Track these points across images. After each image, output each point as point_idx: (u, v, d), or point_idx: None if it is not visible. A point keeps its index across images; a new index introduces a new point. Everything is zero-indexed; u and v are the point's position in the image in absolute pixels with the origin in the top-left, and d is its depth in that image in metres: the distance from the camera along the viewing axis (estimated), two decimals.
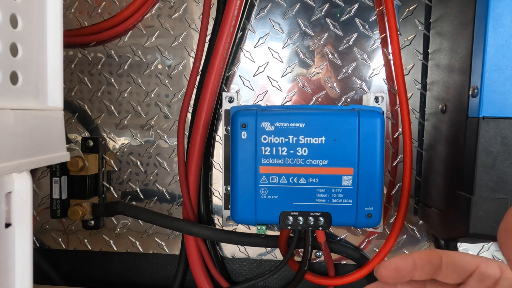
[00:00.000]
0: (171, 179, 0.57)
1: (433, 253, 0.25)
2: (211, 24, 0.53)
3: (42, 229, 0.60)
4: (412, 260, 0.24)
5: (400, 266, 0.24)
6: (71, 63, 0.57)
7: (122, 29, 0.55)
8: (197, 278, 0.54)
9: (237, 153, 0.43)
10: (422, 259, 0.24)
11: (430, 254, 0.25)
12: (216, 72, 0.50)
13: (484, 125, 0.37)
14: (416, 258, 0.24)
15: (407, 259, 0.24)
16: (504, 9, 0.36)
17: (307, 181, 0.43)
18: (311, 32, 0.53)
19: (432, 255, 0.25)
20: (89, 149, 0.56)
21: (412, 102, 0.52)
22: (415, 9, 0.52)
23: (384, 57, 0.53)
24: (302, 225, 0.43)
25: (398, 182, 0.53)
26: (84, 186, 0.54)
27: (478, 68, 0.37)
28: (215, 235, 0.51)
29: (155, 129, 0.57)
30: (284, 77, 0.54)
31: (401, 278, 0.25)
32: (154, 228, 0.58)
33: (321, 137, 0.42)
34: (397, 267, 0.24)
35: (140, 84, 0.57)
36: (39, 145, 0.31)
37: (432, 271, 0.24)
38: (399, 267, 0.24)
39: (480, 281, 0.24)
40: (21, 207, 0.30)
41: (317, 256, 0.55)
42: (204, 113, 0.50)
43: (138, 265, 0.59)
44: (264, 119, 0.43)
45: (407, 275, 0.24)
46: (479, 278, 0.24)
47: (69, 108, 0.58)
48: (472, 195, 0.37)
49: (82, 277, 0.60)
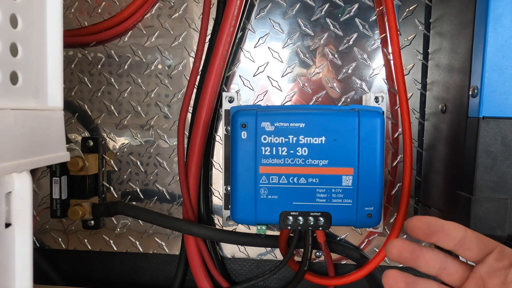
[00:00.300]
0: (171, 179, 0.57)
1: (459, 226, 0.26)
2: (211, 24, 0.53)
3: (42, 229, 0.60)
4: (442, 223, 0.26)
5: (432, 223, 0.26)
6: (71, 63, 0.57)
7: (122, 29, 0.55)
8: (197, 278, 0.54)
9: (237, 153, 0.43)
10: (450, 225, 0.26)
11: (457, 225, 0.26)
12: (216, 72, 0.50)
13: (484, 125, 0.37)
14: (445, 223, 0.26)
15: (438, 220, 0.26)
16: (504, 9, 0.36)
17: (307, 181, 0.43)
18: (311, 32, 0.53)
19: (459, 226, 0.26)
20: (89, 149, 0.56)
21: (412, 102, 0.52)
22: (415, 9, 0.52)
23: (384, 57, 0.53)
24: (302, 225, 0.43)
25: (398, 182, 0.53)
26: (84, 186, 0.54)
27: (478, 68, 0.37)
28: (215, 235, 0.51)
29: (155, 129, 0.57)
30: (284, 77, 0.54)
31: (430, 235, 0.26)
32: (154, 228, 0.58)
33: (321, 137, 0.42)
34: (429, 223, 0.26)
35: (140, 84, 0.57)
36: (39, 145, 0.31)
37: (456, 240, 0.26)
38: (431, 223, 0.26)
39: (498, 260, 0.25)
40: (21, 207, 0.30)
41: (317, 256, 0.55)
42: (204, 113, 0.50)
43: (138, 265, 0.59)
44: (264, 119, 0.43)
45: (435, 234, 0.26)
46: (498, 257, 0.25)
47: (69, 108, 0.58)
48: (472, 195, 0.37)
49: (82, 277, 0.60)
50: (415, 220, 0.26)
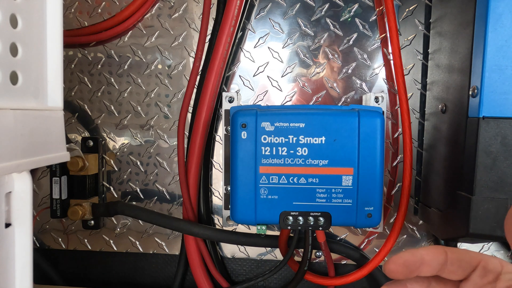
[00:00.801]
0: (171, 179, 0.57)
1: (439, 249, 0.25)
2: (211, 24, 0.53)
3: (42, 229, 0.60)
4: (420, 256, 0.25)
5: (409, 261, 0.25)
6: (71, 63, 0.57)
7: (122, 29, 0.55)
8: (197, 278, 0.54)
9: (237, 153, 0.43)
10: (429, 254, 0.25)
11: (436, 249, 0.25)
12: (216, 72, 0.50)
13: (484, 125, 0.37)
14: (424, 254, 0.25)
15: (415, 254, 0.25)
16: (504, 9, 0.36)
17: (307, 181, 0.43)
18: (311, 32, 0.53)
19: (438, 251, 0.25)
20: (89, 149, 0.56)
21: (412, 102, 0.52)
22: (415, 9, 0.52)
23: (384, 57, 0.53)
24: (302, 225, 0.43)
25: (398, 182, 0.53)
26: (84, 186, 0.54)
27: (478, 68, 0.37)
28: (215, 235, 0.51)
29: (155, 129, 0.57)
30: (284, 77, 0.54)
31: (409, 274, 0.25)
32: (154, 228, 0.58)
33: (321, 137, 0.42)
34: (406, 262, 0.25)
35: (140, 84, 0.57)
36: (39, 145, 0.31)
37: (438, 267, 0.25)
38: (408, 261, 0.25)
39: (482, 276, 0.24)
40: (21, 207, 0.30)
41: (317, 256, 0.55)
42: (204, 113, 0.50)
43: (138, 265, 0.59)
44: (264, 119, 0.43)
45: (415, 271, 0.25)
46: (482, 273, 0.24)
47: (69, 108, 0.58)
48: (472, 195, 0.37)
49: (82, 277, 0.60)
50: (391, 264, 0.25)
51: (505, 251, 0.53)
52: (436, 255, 0.25)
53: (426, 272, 0.25)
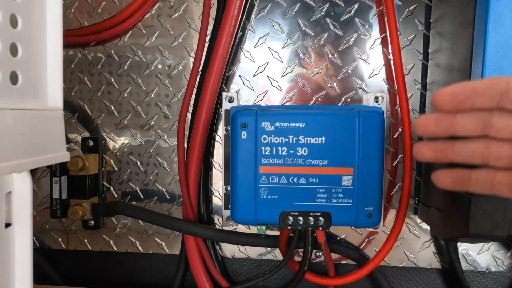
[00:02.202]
0: (171, 179, 0.57)
1: (499, 78, 0.22)
2: (211, 24, 0.53)
3: (42, 229, 0.60)
4: (471, 86, 0.23)
5: (456, 91, 0.23)
6: (71, 63, 0.57)
7: (122, 29, 0.55)
8: (197, 278, 0.54)
9: (237, 153, 0.43)
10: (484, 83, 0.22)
11: (495, 79, 0.23)
12: (216, 72, 0.50)
13: None
14: (477, 84, 0.22)
15: (466, 84, 0.23)
16: (504, 9, 0.36)
17: (307, 181, 0.43)
18: (311, 32, 0.53)
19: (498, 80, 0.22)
20: (89, 149, 0.56)
21: (412, 102, 0.52)
22: (415, 9, 0.52)
23: (384, 57, 0.53)
24: (302, 225, 0.43)
25: (398, 182, 0.53)
26: (84, 186, 0.54)
27: (478, 68, 0.37)
28: (215, 235, 0.51)
29: (155, 129, 0.57)
30: (284, 77, 0.54)
31: (457, 105, 0.23)
32: (154, 228, 0.58)
33: (321, 137, 0.42)
34: (453, 93, 0.23)
35: (140, 84, 0.57)
36: (39, 145, 0.31)
37: (497, 97, 0.22)
38: (455, 92, 0.23)
39: None
40: (21, 207, 0.31)
41: (317, 256, 0.55)
42: (204, 113, 0.50)
43: (138, 265, 0.59)
44: (264, 119, 0.43)
45: (465, 101, 0.23)
46: None
47: (69, 108, 0.58)
48: (472, 195, 0.37)
49: (82, 277, 0.60)
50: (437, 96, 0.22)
51: (505, 251, 0.53)
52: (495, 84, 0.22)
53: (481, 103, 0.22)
